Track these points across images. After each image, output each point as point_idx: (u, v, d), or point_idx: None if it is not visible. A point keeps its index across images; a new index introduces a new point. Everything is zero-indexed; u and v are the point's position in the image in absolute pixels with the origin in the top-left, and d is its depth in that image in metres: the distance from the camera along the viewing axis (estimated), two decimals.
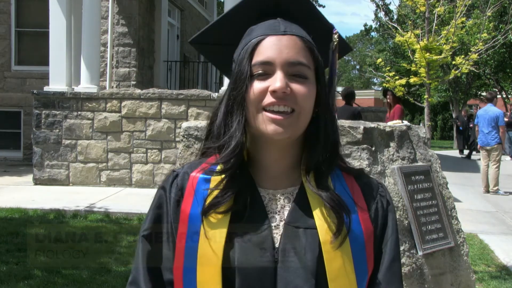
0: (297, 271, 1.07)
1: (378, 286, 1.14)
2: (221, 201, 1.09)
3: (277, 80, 1.05)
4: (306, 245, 1.08)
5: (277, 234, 1.10)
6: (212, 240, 1.07)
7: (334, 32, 1.17)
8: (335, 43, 1.17)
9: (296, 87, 1.07)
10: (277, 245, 1.09)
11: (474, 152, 19.23)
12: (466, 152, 20.00)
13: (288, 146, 1.13)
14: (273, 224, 1.11)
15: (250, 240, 1.08)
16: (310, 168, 1.12)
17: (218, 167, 1.11)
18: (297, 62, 1.07)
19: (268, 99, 1.06)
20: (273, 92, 1.05)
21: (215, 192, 1.10)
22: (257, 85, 1.07)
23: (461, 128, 20.77)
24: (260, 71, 1.07)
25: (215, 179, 1.11)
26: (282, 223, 1.11)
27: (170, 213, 1.15)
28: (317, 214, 1.09)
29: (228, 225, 1.08)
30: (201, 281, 1.07)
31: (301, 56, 1.08)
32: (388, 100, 8.79)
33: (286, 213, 1.12)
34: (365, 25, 32.63)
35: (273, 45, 1.08)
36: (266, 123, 1.07)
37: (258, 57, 1.08)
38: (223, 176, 1.10)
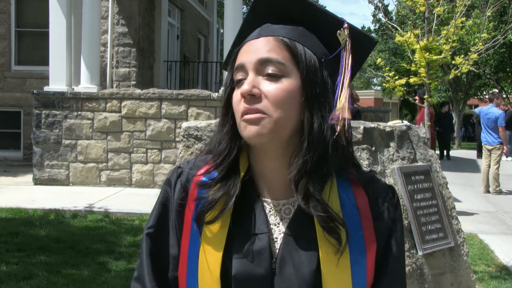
0: (294, 282, 1.05)
1: None
2: (205, 212, 1.08)
3: (245, 83, 1.03)
4: (305, 258, 1.06)
5: (277, 244, 1.09)
6: (211, 250, 1.07)
7: (344, 27, 1.07)
8: (344, 39, 1.07)
9: (267, 87, 1.02)
10: (275, 255, 1.08)
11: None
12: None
13: (284, 155, 1.08)
14: (273, 235, 1.09)
15: (248, 249, 1.07)
16: (290, 176, 1.05)
17: (213, 176, 1.12)
18: (266, 59, 1.03)
19: (242, 106, 1.04)
20: (242, 96, 1.03)
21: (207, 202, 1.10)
22: (236, 93, 1.07)
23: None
24: (239, 77, 1.06)
25: (210, 189, 1.12)
26: (281, 234, 1.09)
27: (175, 211, 1.15)
28: (318, 226, 1.06)
29: (227, 235, 1.07)
30: (202, 287, 1.08)
31: (272, 53, 1.04)
32: (416, 102, 8.79)
33: (286, 223, 1.10)
34: (363, 27, 32.55)
35: (247, 49, 1.07)
36: (244, 128, 1.04)
37: (235, 63, 1.09)
38: (214, 184, 1.10)
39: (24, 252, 5.51)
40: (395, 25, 6.84)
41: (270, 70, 1.03)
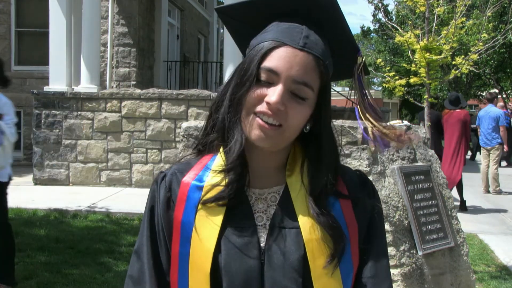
0: (284, 270, 1.07)
1: (366, 281, 1.15)
2: (224, 196, 1.09)
3: (275, 93, 1.03)
4: (292, 245, 1.09)
5: (264, 234, 1.11)
6: (203, 246, 1.08)
7: (360, 54, 1.14)
8: (360, 65, 1.14)
9: (292, 106, 1.05)
10: (263, 245, 1.10)
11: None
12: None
13: (274, 151, 1.12)
14: (259, 224, 1.11)
15: (236, 241, 1.08)
16: (315, 191, 1.10)
17: (217, 167, 1.11)
18: (302, 82, 1.05)
19: (262, 107, 1.05)
20: (268, 103, 1.04)
21: (218, 188, 1.10)
22: (257, 91, 1.05)
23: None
24: (264, 78, 1.05)
25: (217, 177, 1.11)
26: (268, 223, 1.11)
27: (161, 216, 1.15)
28: (300, 213, 1.10)
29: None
30: (192, 286, 1.09)
31: (308, 77, 1.05)
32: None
33: (272, 212, 1.12)
34: (362, 26, 32.55)
35: (286, 57, 1.05)
36: (253, 127, 1.06)
37: (268, 62, 1.05)
38: (224, 173, 1.10)
39: (24, 252, 5.51)
40: (395, 25, 6.83)
41: (300, 92, 1.06)
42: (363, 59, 1.14)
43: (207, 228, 1.09)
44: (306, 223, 1.09)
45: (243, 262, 1.07)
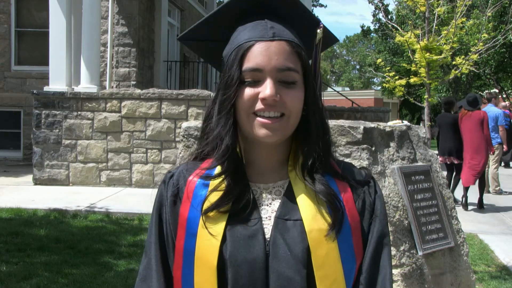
0: (289, 262, 1.09)
1: (360, 272, 1.16)
2: (224, 203, 1.12)
3: (267, 88, 1.08)
4: (296, 237, 1.11)
5: (269, 226, 1.13)
6: (209, 242, 1.10)
7: (320, 26, 1.18)
8: (319, 38, 1.18)
9: (285, 93, 1.09)
10: (268, 236, 1.12)
11: None
12: None
13: (277, 145, 1.16)
14: (264, 216, 1.14)
15: (241, 233, 1.11)
16: (305, 167, 1.14)
17: (216, 170, 1.15)
18: (286, 68, 1.09)
19: (259, 105, 1.09)
20: (263, 99, 1.08)
21: (217, 194, 1.12)
22: (248, 92, 1.09)
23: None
24: (250, 79, 1.09)
25: (214, 182, 1.14)
26: (273, 215, 1.14)
27: (168, 213, 1.18)
28: (302, 205, 1.12)
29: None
30: (198, 281, 1.10)
31: (289, 61, 1.10)
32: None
33: (276, 205, 1.15)
34: (363, 26, 32.52)
35: (263, 52, 1.09)
36: (257, 127, 1.10)
37: (248, 63, 1.09)
38: (221, 178, 1.13)
39: (24, 252, 5.51)
40: (395, 25, 6.84)
41: (287, 78, 1.10)
42: (322, 30, 1.18)
43: (213, 223, 1.11)
44: (308, 214, 1.11)
45: (248, 253, 1.09)
